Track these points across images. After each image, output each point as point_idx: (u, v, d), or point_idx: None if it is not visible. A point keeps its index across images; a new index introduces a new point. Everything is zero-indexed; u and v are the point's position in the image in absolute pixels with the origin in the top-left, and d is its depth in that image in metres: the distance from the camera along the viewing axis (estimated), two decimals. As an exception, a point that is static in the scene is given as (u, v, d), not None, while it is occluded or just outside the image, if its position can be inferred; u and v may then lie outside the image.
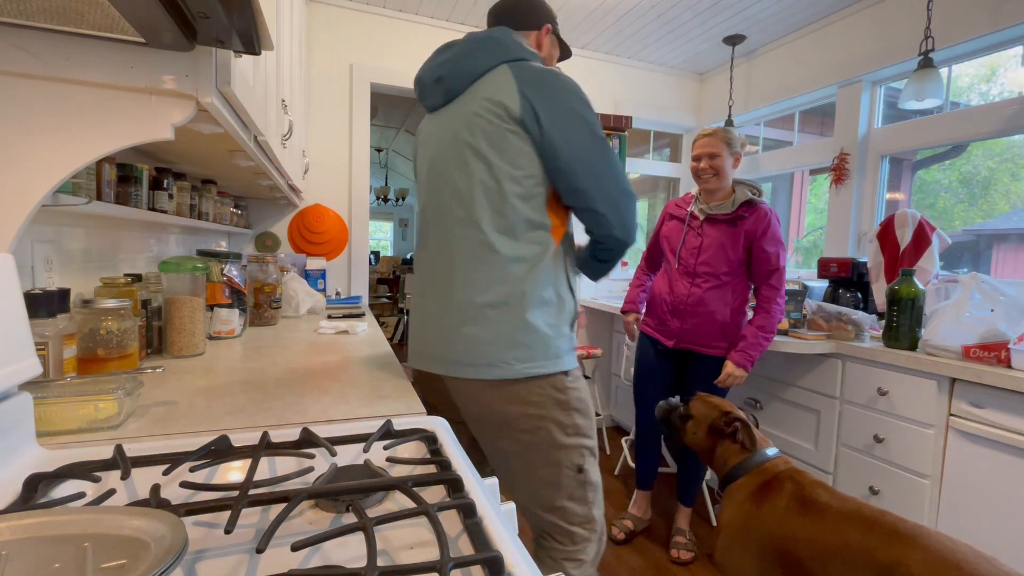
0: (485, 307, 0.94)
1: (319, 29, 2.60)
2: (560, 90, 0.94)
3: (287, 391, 0.90)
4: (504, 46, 0.98)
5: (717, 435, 1.35)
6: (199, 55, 0.68)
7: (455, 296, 0.96)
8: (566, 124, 0.93)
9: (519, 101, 0.92)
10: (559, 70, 0.99)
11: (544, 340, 0.95)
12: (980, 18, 1.96)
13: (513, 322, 0.93)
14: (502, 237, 0.94)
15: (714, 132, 1.81)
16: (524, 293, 0.93)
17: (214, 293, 1.37)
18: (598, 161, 0.94)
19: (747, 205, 1.76)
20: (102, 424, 0.70)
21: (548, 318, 0.96)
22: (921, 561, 0.89)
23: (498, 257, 0.94)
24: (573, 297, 1.01)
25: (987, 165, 2.13)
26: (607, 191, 0.95)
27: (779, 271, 1.74)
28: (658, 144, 3.60)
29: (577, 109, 0.94)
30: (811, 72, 2.67)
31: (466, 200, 0.96)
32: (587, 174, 0.93)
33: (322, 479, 0.56)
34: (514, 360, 0.92)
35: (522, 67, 0.95)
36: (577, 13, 2.67)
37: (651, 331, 1.97)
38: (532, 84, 0.93)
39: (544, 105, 0.92)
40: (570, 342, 1.00)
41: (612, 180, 0.96)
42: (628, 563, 1.90)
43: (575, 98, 0.95)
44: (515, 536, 0.46)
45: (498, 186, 0.93)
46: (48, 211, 0.90)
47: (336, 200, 2.72)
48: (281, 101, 1.41)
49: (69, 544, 0.37)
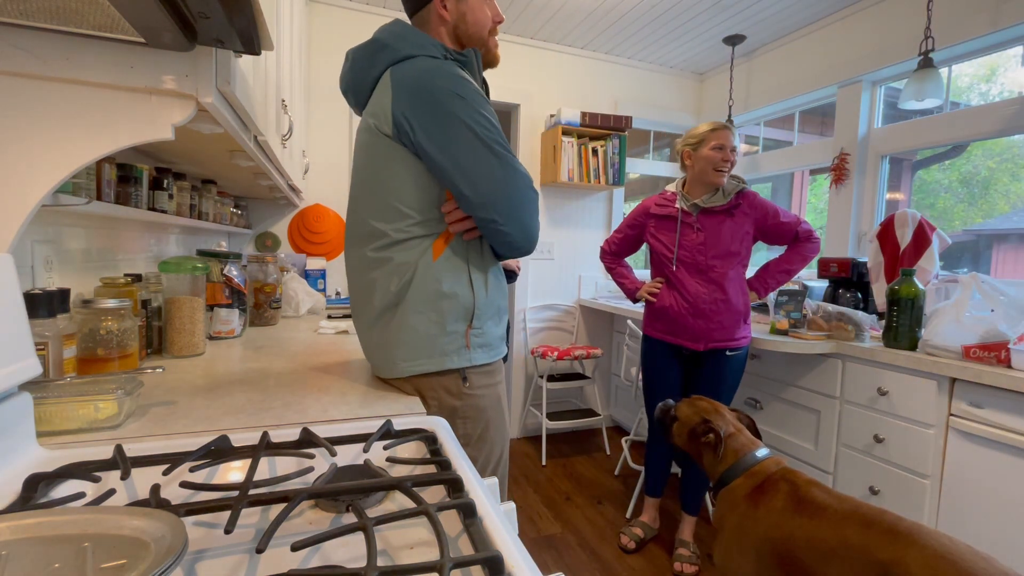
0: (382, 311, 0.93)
1: (319, 29, 2.60)
2: (434, 93, 0.86)
3: (287, 391, 0.90)
4: (388, 48, 0.91)
5: (698, 440, 1.35)
6: (199, 55, 0.68)
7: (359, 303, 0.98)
8: (441, 131, 0.86)
9: (391, 114, 0.87)
10: (447, 59, 0.91)
11: (428, 338, 0.92)
12: (980, 18, 1.96)
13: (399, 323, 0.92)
14: (389, 248, 0.91)
15: (727, 126, 1.81)
16: (407, 294, 0.91)
17: (214, 293, 1.37)
18: (479, 165, 0.86)
19: (739, 193, 1.82)
20: (102, 424, 0.70)
21: (435, 316, 0.91)
22: (919, 560, 0.89)
23: (389, 263, 0.91)
24: (473, 292, 0.94)
25: (987, 165, 2.13)
26: (493, 195, 0.87)
27: (797, 221, 1.84)
28: (658, 144, 3.60)
29: (454, 111, 0.85)
30: (811, 72, 2.67)
31: (361, 213, 0.94)
32: (468, 181, 0.86)
33: (322, 479, 0.56)
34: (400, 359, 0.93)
35: (401, 71, 0.88)
36: (577, 13, 2.67)
37: (666, 337, 1.90)
38: (404, 92, 0.86)
39: (416, 113, 0.85)
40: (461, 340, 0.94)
41: (498, 184, 0.87)
42: (629, 564, 1.90)
43: (451, 99, 0.86)
44: (515, 536, 0.46)
45: (384, 200, 0.90)
46: (48, 211, 0.90)
47: (336, 200, 2.72)
48: (281, 101, 1.41)
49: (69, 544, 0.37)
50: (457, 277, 0.92)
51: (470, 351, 0.94)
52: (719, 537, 1.25)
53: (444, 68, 0.88)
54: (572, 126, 2.89)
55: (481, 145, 0.87)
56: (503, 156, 0.88)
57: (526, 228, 0.92)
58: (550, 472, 2.70)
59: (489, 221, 0.89)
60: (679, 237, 1.85)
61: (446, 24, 0.98)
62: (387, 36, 0.92)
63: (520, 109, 3.05)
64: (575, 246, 3.28)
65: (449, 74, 0.87)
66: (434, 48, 0.92)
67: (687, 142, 1.86)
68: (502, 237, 0.91)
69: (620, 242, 2.06)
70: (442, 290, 0.90)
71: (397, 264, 0.90)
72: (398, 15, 2.70)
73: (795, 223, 1.83)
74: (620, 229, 2.07)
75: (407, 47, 0.90)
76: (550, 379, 2.94)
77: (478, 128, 0.86)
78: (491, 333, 0.97)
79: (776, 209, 1.84)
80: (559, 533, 2.10)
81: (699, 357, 1.88)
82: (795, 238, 1.85)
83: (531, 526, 2.16)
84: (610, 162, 3.00)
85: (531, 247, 0.95)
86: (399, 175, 0.89)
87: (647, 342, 1.99)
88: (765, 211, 1.83)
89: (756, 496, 1.18)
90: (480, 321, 0.94)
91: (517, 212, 0.90)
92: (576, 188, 3.18)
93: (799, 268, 1.88)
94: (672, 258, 1.86)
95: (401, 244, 0.90)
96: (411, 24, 0.99)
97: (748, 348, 1.89)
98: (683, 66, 3.33)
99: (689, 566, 1.83)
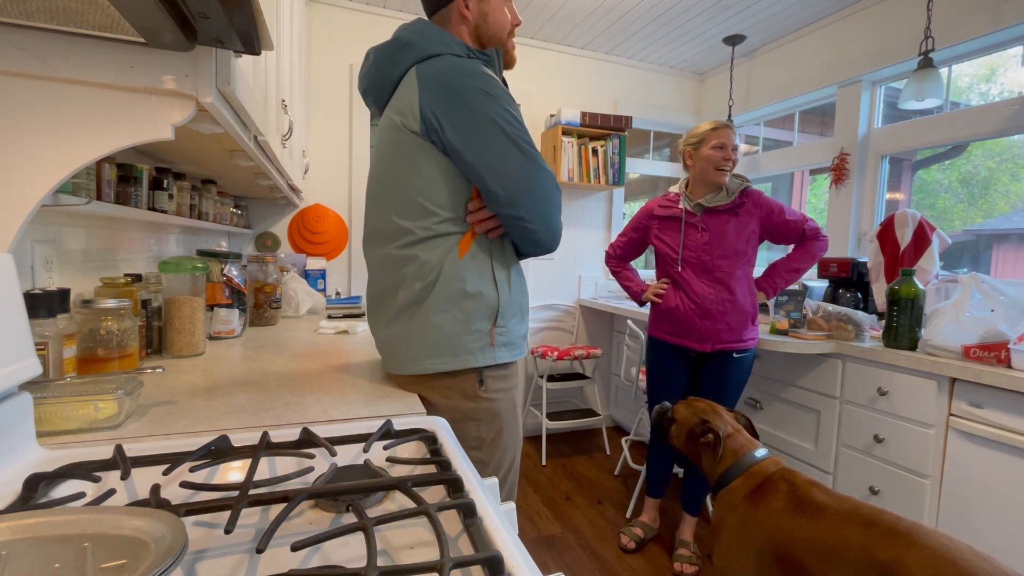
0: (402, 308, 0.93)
1: (319, 29, 2.60)
2: (463, 91, 0.86)
3: (287, 391, 0.90)
4: (412, 46, 0.91)
5: (696, 441, 1.35)
6: (199, 55, 0.68)
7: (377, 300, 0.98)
8: (470, 128, 0.86)
9: (419, 111, 0.87)
10: (471, 57, 0.91)
11: (451, 337, 0.91)
12: (980, 18, 1.96)
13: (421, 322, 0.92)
14: (415, 246, 0.90)
15: (728, 125, 1.81)
16: (431, 293, 0.91)
17: (214, 293, 1.37)
18: (508, 162, 0.87)
19: (743, 192, 1.81)
20: (102, 424, 0.70)
21: (459, 314, 0.91)
22: (919, 560, 0.89)
23: (415, 262, 0.91)
24: (497, 291, 0.94)
25: (987, 165, 2.13)
26: (521, 194, 0.88)
27: (803, 219, 1.84)
28: (658, 144, 3.60)
29: (482, 109, 0.86)
30: (811, 72, 2.67)
31: (384, 211, 0.93)
32: (497, 178, 0.87)
33: (322, 479, 0.56)
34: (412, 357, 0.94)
35: (427, 68, 0.88)
36: (577, 13, 2.67)
37: (672, 338, 1.88)
38: (432, 89, 0.86)
39: (445, 110, 0.86)
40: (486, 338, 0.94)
41: (526, 182, 0.88)
42: (629, 564, 1.90)
43: (480, 96, 0.86)
44: (515, 536, 0.46)
45: (409, 197, 0.90)
46: (48, 211, 0.90)
47: (336, 200, 2.72)
48: (281, 101, 1.41)
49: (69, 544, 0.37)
50: (482, 276, 0.92)
51: (494, 349, 0.94)
52: (718, 538, 1.24)
53: (471, 66, 0.89)
54: (572, 126, 2.89)
55: (509, 142, 0.88)
56: (530, 154, 0.89)
57: (552, 226, 0.94)
58: (550, 472, 2.70)
59: (516, 219, 0.90)
60: (683, 237, 1.84)
61: (467, 23, 0.98)
62: (411, 35, 0.92)
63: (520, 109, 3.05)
64: (575, 246, 3.28)
65: (476, 72, 0.88)
66: (458, 47, 0.92)
67: (688, 142, 1.86)
68: (528, 235, 0.92)
69: (624, 246, 2.06)
70: (467, 289, 0.91)
71: (423, 262, 0.90)
72: (399, 15, 2.70)
73: (801, 221, 1.82)
74: (624, 233, 2.06)
75: (432, 45, 0.91)
76: (550, 379, 2.94)
77: (506, 125, 0.87)
78: (515, 331, 0.98)
79: (781, 207, 1.83)
80: (559, 533, 2.10)
81: (705, 358, 1.87)
82: (802, 236, 1.84)
83: (531, 526, 2.16)
84: (610, 162, 3.00)
85: (555, 245, 0.97)
86: (426, 172, 0.89)
87: (652, 343, 1.97)
88: (770, 209, 1.82)
89: (756, 496, 1.18)
90: (504, 319, 0.95)
91: (544, 210, 0.91)
92: (576, 188, 3.18)
93: (808, 267, 1.86)
94: (677, 259, 1.85)
95: (427, 242, 0.90)
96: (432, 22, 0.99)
97: (755, 350, 1.87)
98: (683, 66, 3.33)
99: (689, 566, 1.83)
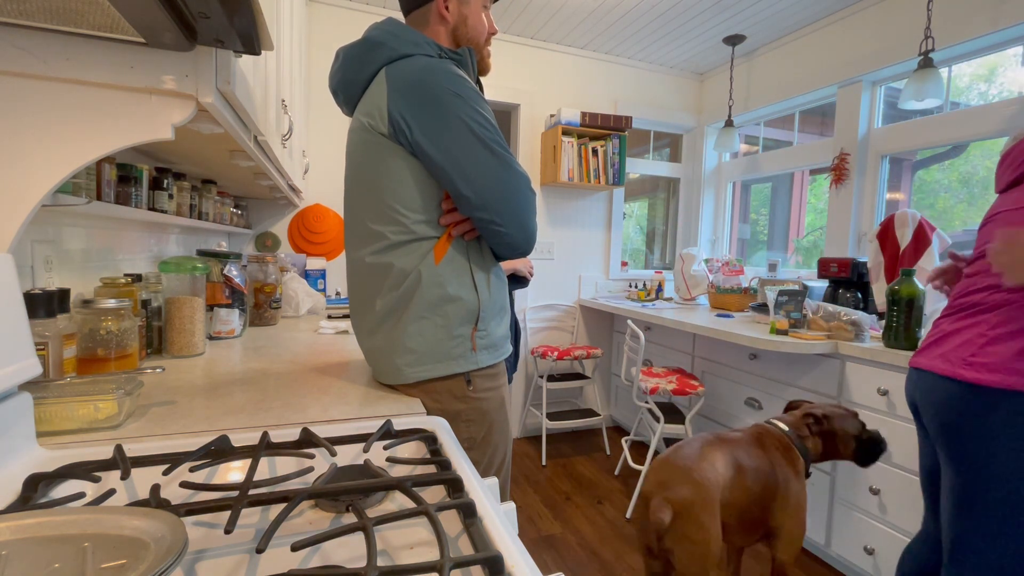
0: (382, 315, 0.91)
1: (319, 29, 2.60)
2: (432, 92, 0.84)
3: (287, 391, 0.90)
4: (383, 46, 0.89)
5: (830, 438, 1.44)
6: (199, 55, 0.68)
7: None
8: (439, 130, 0.84)
9: (387, 112, 0.85)
10: (441, 59, 0.89)
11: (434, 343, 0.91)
12: (980, 18, 1.96)
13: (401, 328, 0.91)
14: (389, 252, 0.89)
15: None
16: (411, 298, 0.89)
17: (214, 293, 1.37)
18: (478, 165, 0.86)
19: None
20: (102, 424, 0.70)
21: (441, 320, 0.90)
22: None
23: (390, 271, 0.89)
24: (477, 294, 0.93)
25: (987, 165, 2.13)
26: (493, 197, 0.87)
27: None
28: (658, 144, 3.60)
29: (452, 110, 0.84)
30: (811, 72, 2.67)
31: (358, 216, 0.93)
32: (468, 181, 0.85)
33: (322, 479, 0.56)
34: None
35: (396, 69, 0.87)
36: (577, 13, 2.67)
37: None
38: (401, 90, 0.85)
39: (413, 111, 0.84)
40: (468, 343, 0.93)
41: (497, 185, 0.87)
42: (629, 564, 1.90)
43: (449, 97, 0.85)
44: (515, 536, 0.46)
45: (381, 201, 0.89)
46: (48, 211, 0.90)
47: (336, 200, 2.72)
48: (281, 101, 1.41)
49: (69, 544, 0.37)
50: (461, 280, 0.91)
51: (476, 353, 0.93)
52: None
53: (442, 67, 0.87)
54: (572, 126, 2.89)
55: (480, 145, 0.86)
56: (502, 156, 0.88)
57: (525, 229, 0.92)
58: (550, 472, 2.70)
59: (488, 222, 0.88)
60: None
61: (446, 24, 0.97)
62: (381, 34, 0.90)
63: (520, 109, 3.05)
64: (575, 246, 3.28)
65: (447, 72, 0.86)
66: (429, 47, 0.91)
67: None
68: (501, 238, 0.91)
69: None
70: (447, 294, 0.89)
71: (398, 270, 0.88)
72: (399, 15, 2.70)
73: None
74: None
75: (404, 45, 0.89)
76: (550, 379, 2.94)
77: (477, 128, 0.86)
78: (495, 333, 0.97)
79: None
80: (559, 533, 2.11)
81: None
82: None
83: (531, 526, 2.16)
84: (610, 162, 3.01)
85: (530, 247, 0.95)
86: (396, 175, 0.88)
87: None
88: None
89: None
90: (484, 323, 0.94)
91: (516, 213, 0.90)
92: (576, 188, 3.18)
93: None
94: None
95: (402, 247, 0.89)
96: (405, 22, 0.98)
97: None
98: (683, 66, 3.33)
99: None
